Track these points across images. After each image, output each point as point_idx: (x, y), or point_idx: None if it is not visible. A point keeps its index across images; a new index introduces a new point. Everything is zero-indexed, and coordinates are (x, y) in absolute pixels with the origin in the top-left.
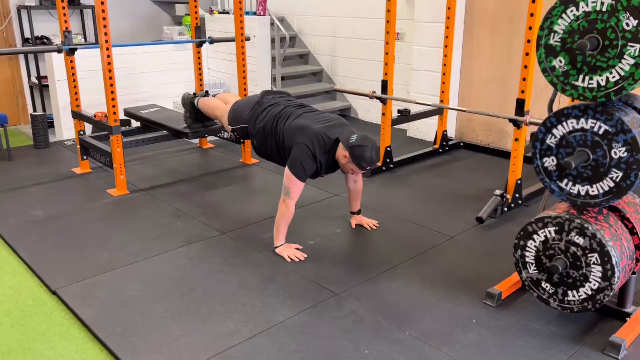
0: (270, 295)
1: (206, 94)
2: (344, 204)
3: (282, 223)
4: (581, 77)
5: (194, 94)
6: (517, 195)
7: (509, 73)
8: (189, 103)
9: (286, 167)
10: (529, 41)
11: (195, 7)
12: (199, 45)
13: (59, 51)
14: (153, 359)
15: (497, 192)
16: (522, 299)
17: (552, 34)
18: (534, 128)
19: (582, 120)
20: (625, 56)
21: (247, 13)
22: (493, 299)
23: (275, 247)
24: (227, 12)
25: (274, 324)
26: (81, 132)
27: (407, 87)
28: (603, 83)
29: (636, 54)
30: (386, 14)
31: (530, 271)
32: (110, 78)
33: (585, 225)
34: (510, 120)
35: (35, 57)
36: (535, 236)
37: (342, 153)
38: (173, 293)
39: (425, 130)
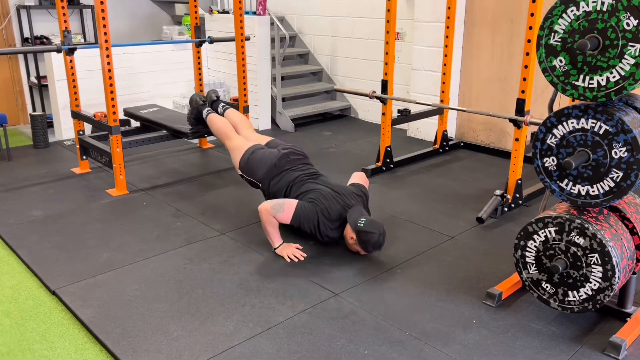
0: (270, 295)
1: (217, 99)
2: None
3: (270, 228)
4: (581, 77)
5: (203, 101)
6: (517, 195)
7: (510, 73)
8: (197, 109)
9: (297, 201)
10: (529, 41)
11: (195, 6)
12: (199, 45)
13: (59, 51)
14: (153, 359)
15: (498, 192)
16: (522, 299)
17: (553, 33)
18: (535, 128)
19: (583, 120)
20: (625, 56)
21: (247, 13)
22: (493, 299)
23: (275, 249)
24: (227, 12)
25: (274, 324)
26: (81, 132)
27: (407, 87)
28: (603, 83)
29: (636, 53)
30: (386, 13)
31: (531, 271)
32: (110, 78)
33: (586, 225)
34: (511, 120)
35: (35, 57)
36: (535, 236)
37: (349, 234)
38: (173, 293)
39: (425, 130)
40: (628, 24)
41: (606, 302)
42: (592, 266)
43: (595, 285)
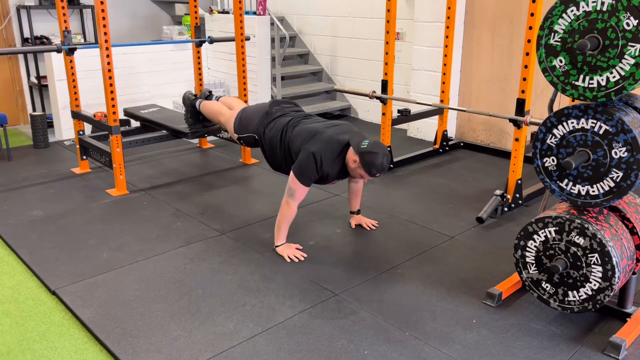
0: (270, 295)
1: (209, 94)
2: (344, 204)
3: (284, 223)
4: (581, 77)
5: (195, 95)
6: (517, 195)
7: (509, 73)
8: (190, 104)
9: (291, 170)
10: (529, 41)
11: (195, 6)
12: (199, 45)
13: (59, 51)
14: (153, 359)
15: (498, 192)
16: (522, 299)
17: (553, 33)
18: (535, 128)
19: (583, 120)
20: (625, 56)
21: (247, 13)
22: (493, 299)
23: (276, 247)
24: (227, 12)
25: (274, 324)
26: (81, 132)
27: (407, 87)
28: (603, 83)
29: (636, 53)
30: (386, 14)
31: (531, 271)
32: (110, 78)
33: (586, 225)
34: (511, 120)
35: (35, 57)
36: (535, 236)
37: (352, 157)
38: (173, 293)
39: (425, 130)
40: (628, 24)
41: (606, 302)
42: (592, 266)
43: (595, 285)
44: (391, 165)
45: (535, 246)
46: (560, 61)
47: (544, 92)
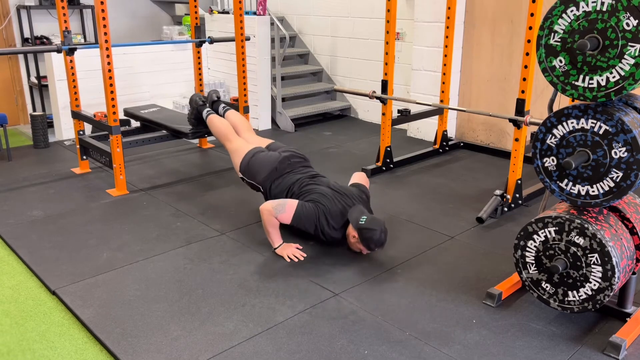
0: (270, 295)
1: (217, 100)
2: None
3: (270, 228)
4: (581, 77)
5: (204, 101)
6: (517, 195)
7: (509, 73)
8: (196, 109)
9: (298, 201)
10: (529, 41)
11: (195, 7)
12: (199, 45)
13: (59, 51)
14: (153, 359)
15: (497, 192)
16: (522, 299)
17: (553, 33)
18: (534, 128)
19: (583, 120)
20: (625, 56)
21: (247, 13)
22: (493, 299)
23: (275, 248)
24: (227, 12)
25: (274, 324)
26: (81, 132)
27: (407, 87)
28: (603, 83)
29: (636, 53)
30: (386, 14)
31: (531, 271)
32: (110, 78)
33: (586, 225)
34: (511, 120)
35: (35, 57)
36: (535, 236)
37: (351, 233)
38: (173, 293)
39: (425, 130)
40: (628, 24)
41: (606, 302)
42: (592, 266)
43: (595, 285)
44: (391, 166)
45: (535, 246)
46: (560, 61)
47: (544, 92)
